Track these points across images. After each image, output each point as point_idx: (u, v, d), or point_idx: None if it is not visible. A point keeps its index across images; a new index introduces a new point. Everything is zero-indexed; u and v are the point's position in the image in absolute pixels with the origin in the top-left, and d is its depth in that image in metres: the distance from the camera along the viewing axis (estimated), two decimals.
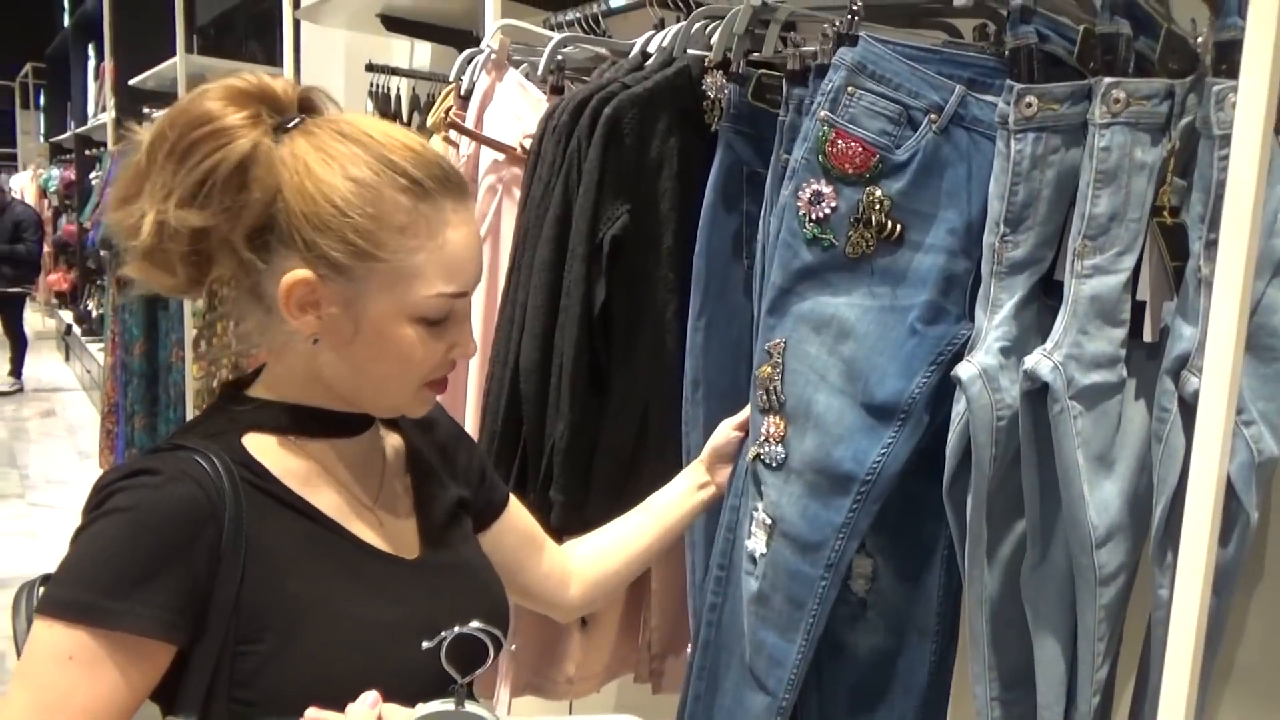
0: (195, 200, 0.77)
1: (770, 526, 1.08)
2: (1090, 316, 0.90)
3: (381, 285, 0.80)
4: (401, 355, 0.82)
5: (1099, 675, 0.94)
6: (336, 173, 0.78)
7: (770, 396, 1.08)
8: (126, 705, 0.73)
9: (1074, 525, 0.91)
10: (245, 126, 0.77)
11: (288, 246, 0.79)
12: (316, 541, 0.82)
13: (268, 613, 0.77)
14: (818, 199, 1.03)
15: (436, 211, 0.80)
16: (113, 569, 0.73)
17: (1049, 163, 0.92)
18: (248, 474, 0.80)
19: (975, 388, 0.94)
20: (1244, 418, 0.83)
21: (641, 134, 1.32)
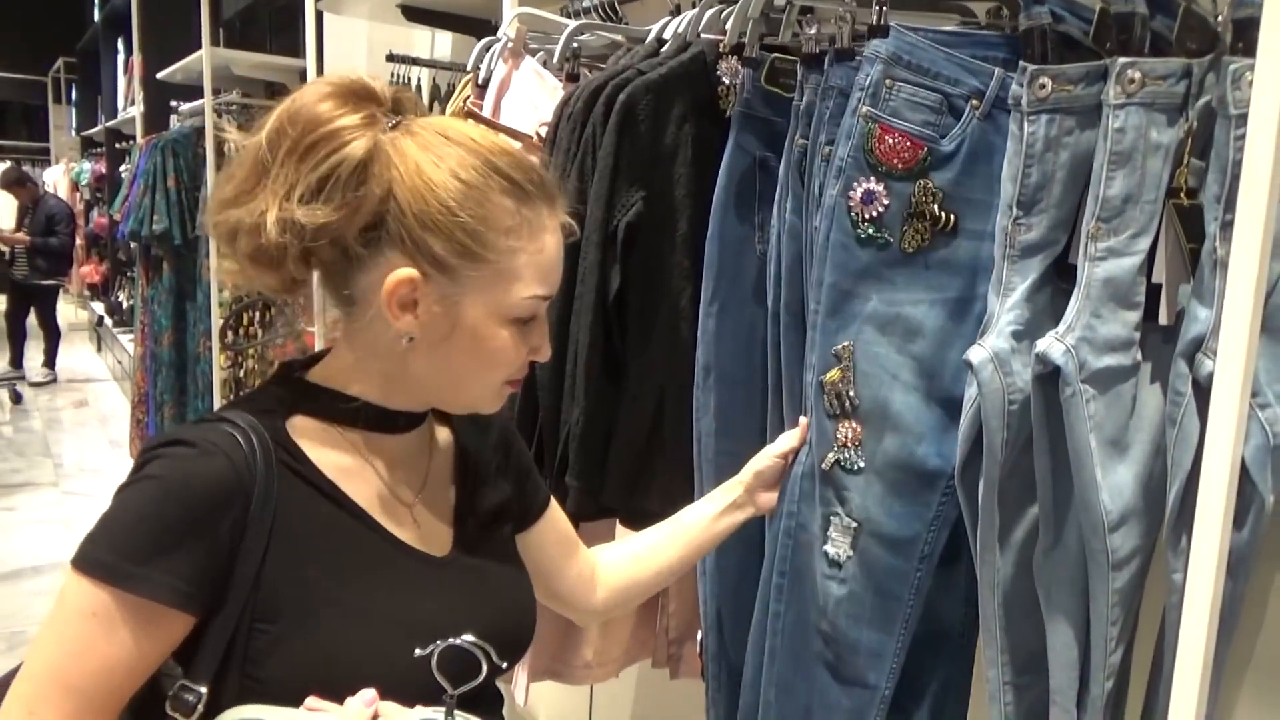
0: (320, 196, 0.78)
1: (856, 529, 1.08)
2: (1104, 299, 0.89)
3: (482, 286, 0.82)
4: (493, 355, 0.84)
5: (1112, 659, 0.93)
6: (445, 173, 0.80)
7: (841, 401, 1.07)
8: (137, 669, 0.75)
9: (1086, 509, 0.90)
10: (361, 126, 0.79)
11: (393, 245, 0.80)
12: (343, 530, 0.83)
13: (285, 594, 0.78)
14: (869, 198, 1.02)
15: (536, 215, 0.83)
16: (138, 535, 0.75)
17: (1063, 144, 0.92)
18: (285, 455, 0.81)
19: (986, 372, 0.93)
20: (1259, 400, 0.82)
21: (656, 120, 1.32)
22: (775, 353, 1.21)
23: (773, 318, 1.20)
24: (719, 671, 1.31)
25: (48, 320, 7.04)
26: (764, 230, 1.26)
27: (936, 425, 1.05)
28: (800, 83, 1.16)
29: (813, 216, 1.12)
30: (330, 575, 0.80)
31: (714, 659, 1.31)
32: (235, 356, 3.66)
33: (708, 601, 1.32)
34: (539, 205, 0.83)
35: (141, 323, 4.28)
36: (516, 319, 0.84)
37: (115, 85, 8.11)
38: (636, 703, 2.11)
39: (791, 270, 1.16)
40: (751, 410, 1.27)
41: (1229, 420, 0.76)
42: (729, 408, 1.21)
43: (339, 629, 0.79)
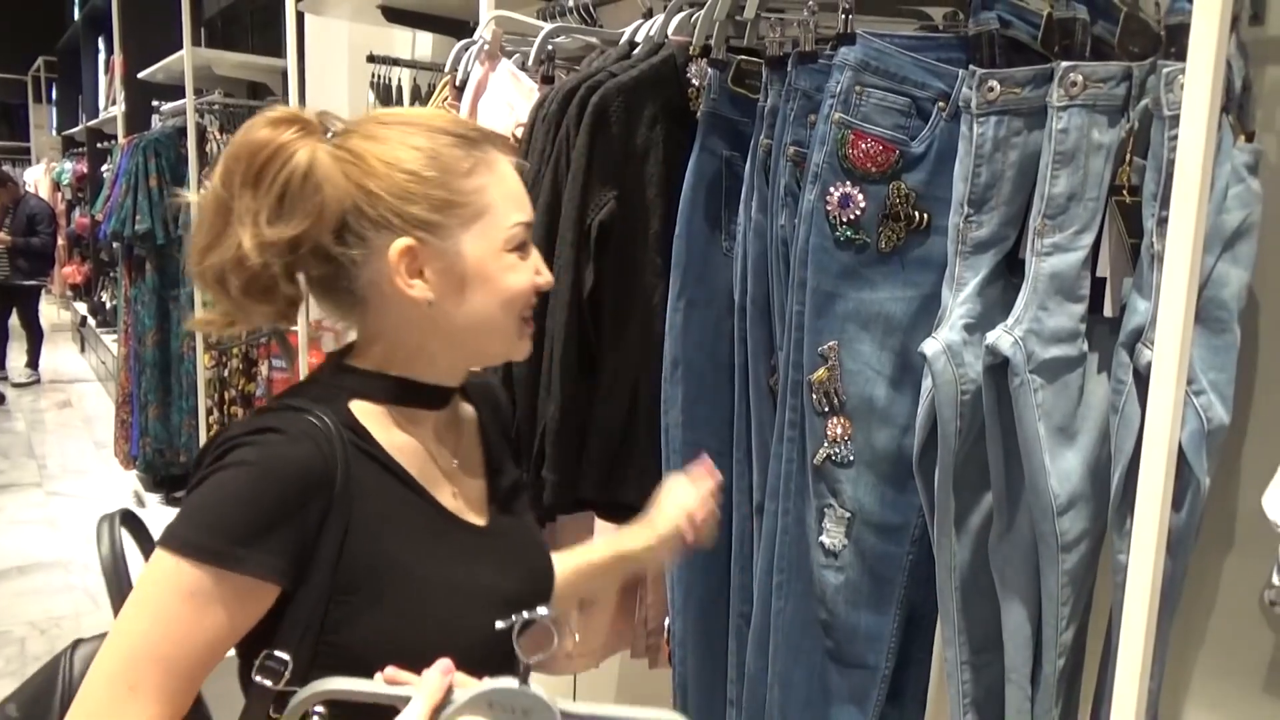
0: (281, 214, 0.85)
1: (850, 519, 1.12)
2: (1050, 293, 0.93)
3: (469, 227, 0.88)
4: (507, 285, 0.90)
5: (1064, 638, 0.97)
6: (399, 149, 0.87)
7: (830, 399, 1.11)
8: (228, 642, 0.80)
9: (1036, 494, 0.94)
10: (298, 139, 0.86)
11: (378, 230, 0.86)
12: (409, 506, 0.89)
13: (363, 568, 0.83)
14: (846, 201, 1.06)
15: (485, 154, 0.90)
16: (240, 517, 0.79)
17: (1012, 145, 0.95)
18: (354, 438, 0.86)
19: (940, 363, 0.97)
20: (1195, 387, 0.86)
21: (628, 121, 1.35)
22: (741, 347, 1.25)
23: (739, 312, 1.23)
24: (685, 656, 1.35)
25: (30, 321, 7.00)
26: (730, 228, 1.29)
27: None
28: (765, 84, 1.20)
29: (778, 215, 1.16)
30: (402, 549, 0.86)
31: (680, 644, 1.35)
32: (220, 356, 3.67)
33: (674, 587, 1.35)
34: (484, 146, 0.90)
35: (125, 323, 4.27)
36: (512, 248, 0.90)
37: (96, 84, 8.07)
38: (618, 692, 2.14)
39: (757, 266, 1.20)
40: (719, 403, 1.31)
41: (1166, 407, 0.80)
42: (696, 401, 1.25)
43: (410, 599, 0.85)
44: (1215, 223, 0.85)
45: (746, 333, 1.22)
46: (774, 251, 1.17)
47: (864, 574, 1.14)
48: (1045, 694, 1.00)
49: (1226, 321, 0.87)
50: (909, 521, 1.12)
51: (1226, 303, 0.87)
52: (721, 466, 1.31)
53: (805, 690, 1.17)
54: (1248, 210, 0.87)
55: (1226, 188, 0.85)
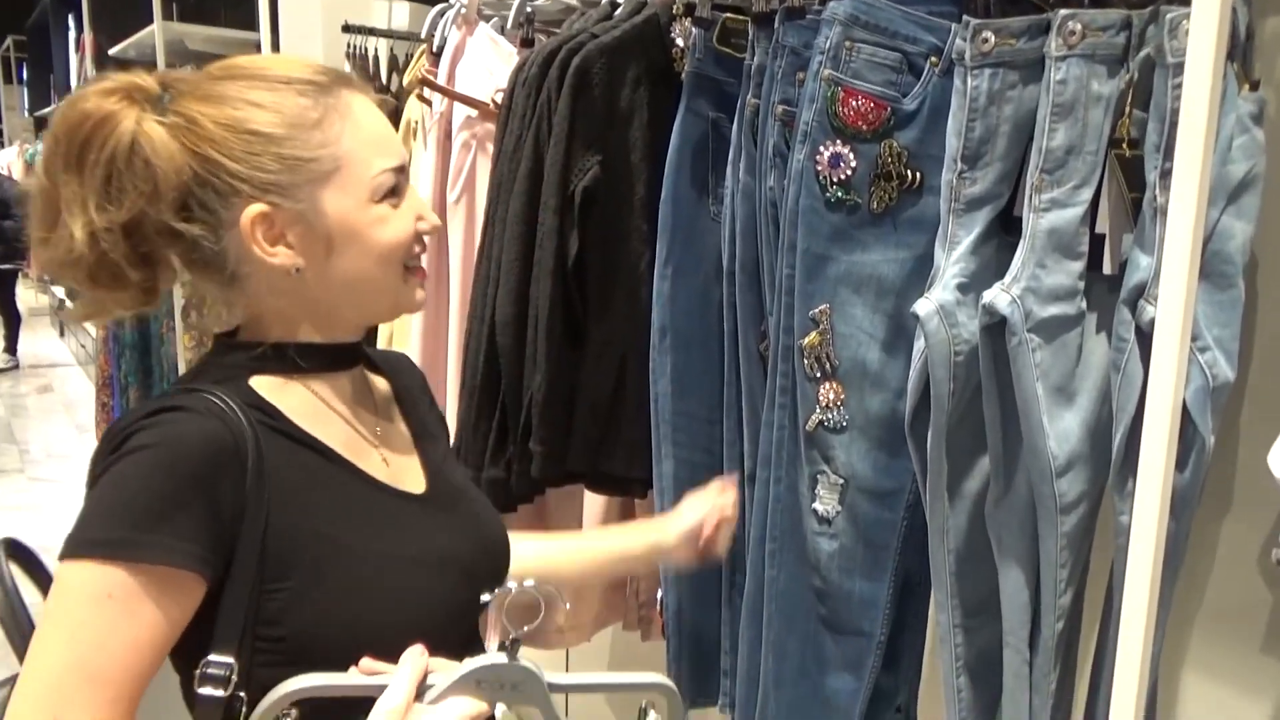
0: (110, 195, 0.77)
1: (843, 485, 1.10)
2: (1048, 250, 0.91)
3: (328, 183, 0.81)
4: (378, 240, 0.83)
5: (1062, 601, 0.96)
6: (236, 106, 0.79)
7: (821, 364, 1.08)
8: (164, 641, 0.73)
9: (1034, 455, 0.92)
10: (123, 109, 0.78)
11: (226, 197, 0.79)
12: (333, 479, 0.83)
13: (293, 552, 0.78)
14: (837, 161, 1.03)
15: (337, 99, 0.82)
16: (143, 503, 0.73)
17: (1006, 98, 0.92)
18: (261, 415, 0.80)
19: (932, 324, 0.95)
20: (1199, 344, 0.84)
21: (611, 84, 1.32)
22: (731, 313, 1.22)
23: (728, 277, 1.21)
24: (679, 628, 1.33)
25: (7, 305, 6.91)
26: (717, 192, 1.26)
27: None
28: (751, 42, 1.16)
29: (766, 176, 1.13)
30: (332, 525, 0.81)
31: (674, 616, 1.33)
32: (199, 336, 3.62)
33: None
34: (336, 90, 0.83)
35: None
36: (380, 198, 0.83)
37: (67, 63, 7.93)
38: (610, 666, 2.14)
39: (746, 230, 1.17)
40: (708, 370, 1.28)
41: (1170, 364, 0.78)
42: (685, 369, 1.22)
43: (351, 576, 0.79)
44: (1219, 174, 0.83)
45: (736, 298, 1.20)
46: (763, 215, 1.14)
47: (858, 541, 1.12)
48: (1044, 657, 0.99)
49: (1231, 276, 0.85)
50: (903, 486, 1.10)
51: (1231, 257, 0.84)
52: (712, 435, 1.30)
53: (799, 658, 1.16)
54: (1252, 161, 0.84)
55: (1231, 138, 0.83)
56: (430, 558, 0.84)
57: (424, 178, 1.70)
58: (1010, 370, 0.92)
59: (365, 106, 0.84)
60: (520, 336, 1.37)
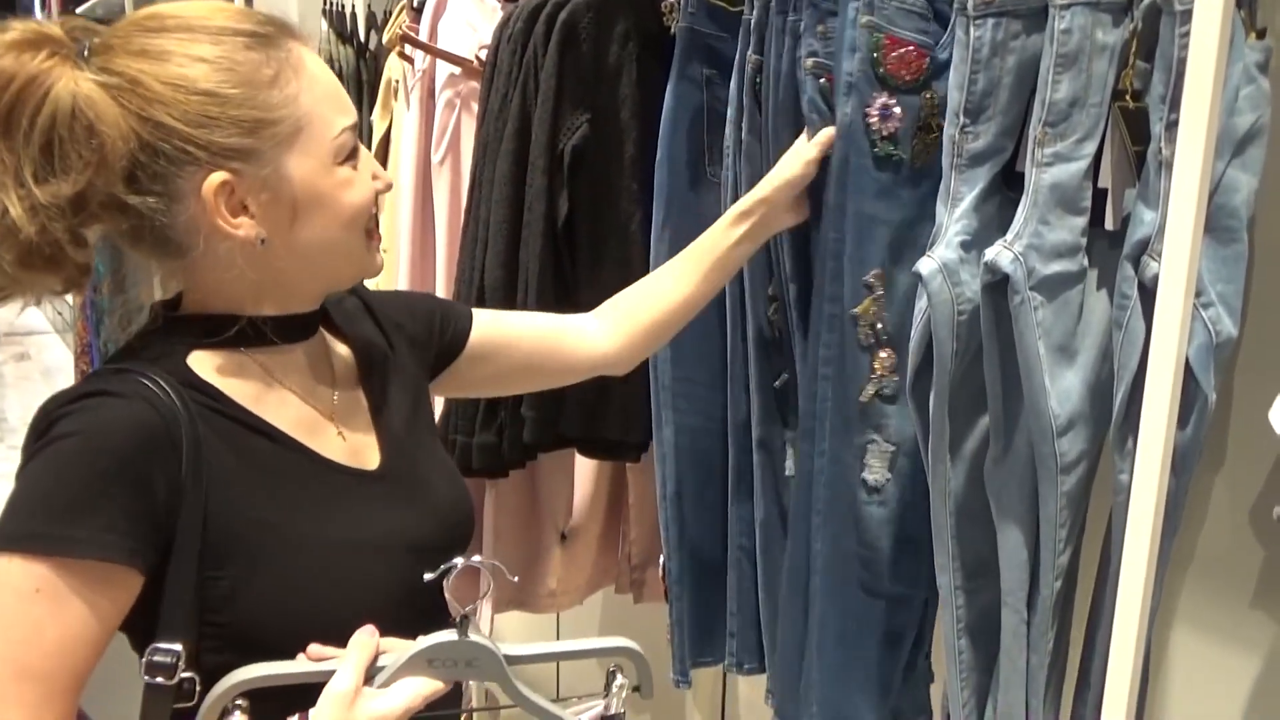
0: (53, 166, 0.71)
1: (893, 453, 1.08)
2: (1051, 205, 0.89)
3: (291, 146, 0.76)
4: (345, 203, 0.79)
5: (1060, 560, 0.95)
6: (181, 62, 0.73)
7: (875, 331, 1.05)
8: (99, 635, 0.70)
9: (1035, 415, 0.92)
10: (54, 66, 0.71)
11: (182, 165, 0.73)
12: (276, 461, 0.79)
13: (232, 539, 0.75)
14: (887, 113, 0.99)
15: (288, 53, 0.77)
16: (67, 495, 0.70)
17: (1009, 49, 0.90)
18: (199, 396, 0.76)
19: (935, 283, 0.93)
20: (1202, 300, 0.83)
21: (599, 39, 1.29)
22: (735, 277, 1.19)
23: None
24: (682, 594, 1.32)
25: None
26: (713, 152, 1.23)
27: None
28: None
29: (779, 135, 1.10)
30: (273, 510, 0.78)
31: (677, 581, 1.32)
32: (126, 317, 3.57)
33: (669, 526, 1.32)
34: (284, 42, 0.77)
35: None
36: (343, 160, 0.79)
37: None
38: (602, 628, 2.14)
39: None
40: (708, 335, 1.26)
41: (1174, 320, 0.77)
42: (684, 334, 1.20)
43: (291, 563, 0.77)
44: (1226, 125, 0.81)
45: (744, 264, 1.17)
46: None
47: (906, 505, 1.10)
48: (1042, 617, 0.99)
49: (1236, 230, 0.83)
50: None
51: (1236, 210, 0.83)
52: (712, 400, 1.28)
53: (840, 625, 1.13)
54: (1259, 112, 0.83)
55: (1238, 88, 0.81)
56: (376, 539, 0.81)
57: (407, 138, 1.67)
58: (1011, 329, 0.91)
59: (314, 60, 0.79)
60: (510, 300, 1.35)
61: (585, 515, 1.61)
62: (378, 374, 0.92)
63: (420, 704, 0.71)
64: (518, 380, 1.13)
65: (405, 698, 0.70)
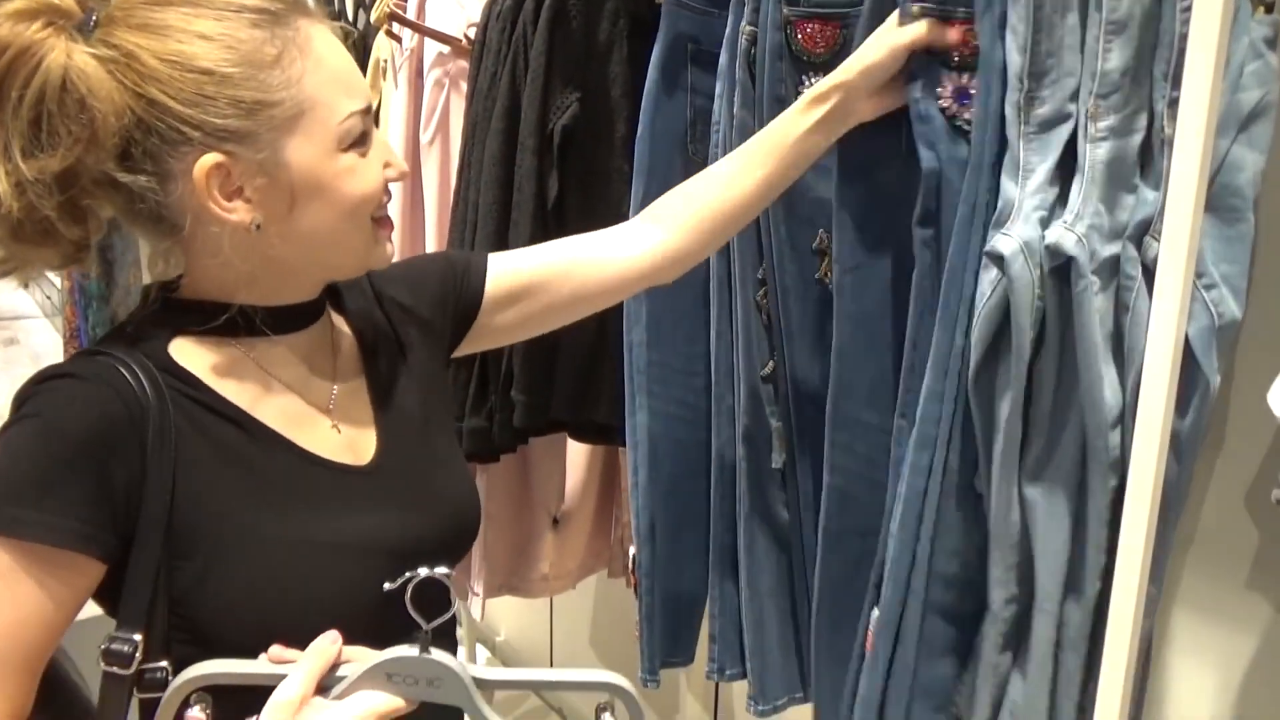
0: (41, 141, 0.69)
1: None
2: (1109, 183, 0.83)
3: (291, 130, 0.73)
4: (347, 193, 0.76)
5: (1102, 559, 0.89)
6: (182, 38, 0.70)
7: None
8: (54, 619, 0.69)
9: (1093, 408, 0.85)
10: (48, 36, 0.69)
11: (175, 145, 0.71)
12: (251, 455, 0.77)
13: (197, 531, 0.73)
14: (962, 95, 0.92)
15: (295, 32, 0.74)
16: (22, 478, 0.69)
17: (1069, 5, 0.83)
18: (176, 383, 0.74)
19: (1018, 263, 0.84)
20: (1204, 281, 0.81)
21: (589, 16, 1.27)
22: (722, 259, 1.15)
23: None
24: (652, 587, 1.27)
25: None
26: (696, 129, 1.20)
27: None
28: None
29: (765, 113, 1.05)
30: (243, 505, 0.75)
31: (646, 574, 1.27)
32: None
33: (639, 515, 1.26)
34: (293, 19, 0.74)
35: None
36: (349, 146, 0.76)
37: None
38: (595, 612, 2.14)
39: None
40: (687, 320, 1.22)
41: (1173, 300, 0.75)
42: (661, 318, 1.16)
43: (258, 561, 0.74)
44: (1230, 102, 0.79)
45: (731, 243, 1.13)
46: None
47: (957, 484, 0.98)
48: (1083, 618, 0.91)
49: (1241, 210, 0.81)
50: None
51: (1241, 189, 0.81)
52: (689, 386, 1.24)
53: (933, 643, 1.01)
54: (1266, 89, 0.80)
55: (1243, 64, 0.79)
56: (354, 539, 0.78)
57: (395, 118, 1.65)
58: (1073, 317, 0.84)
59: (326, 39, 0.76)
60: None
61: (577, 500, 1.60)
62: (383, 364, 0.88)
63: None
64: (556, 315, 1.01)
65: (357, 713, 0.66)
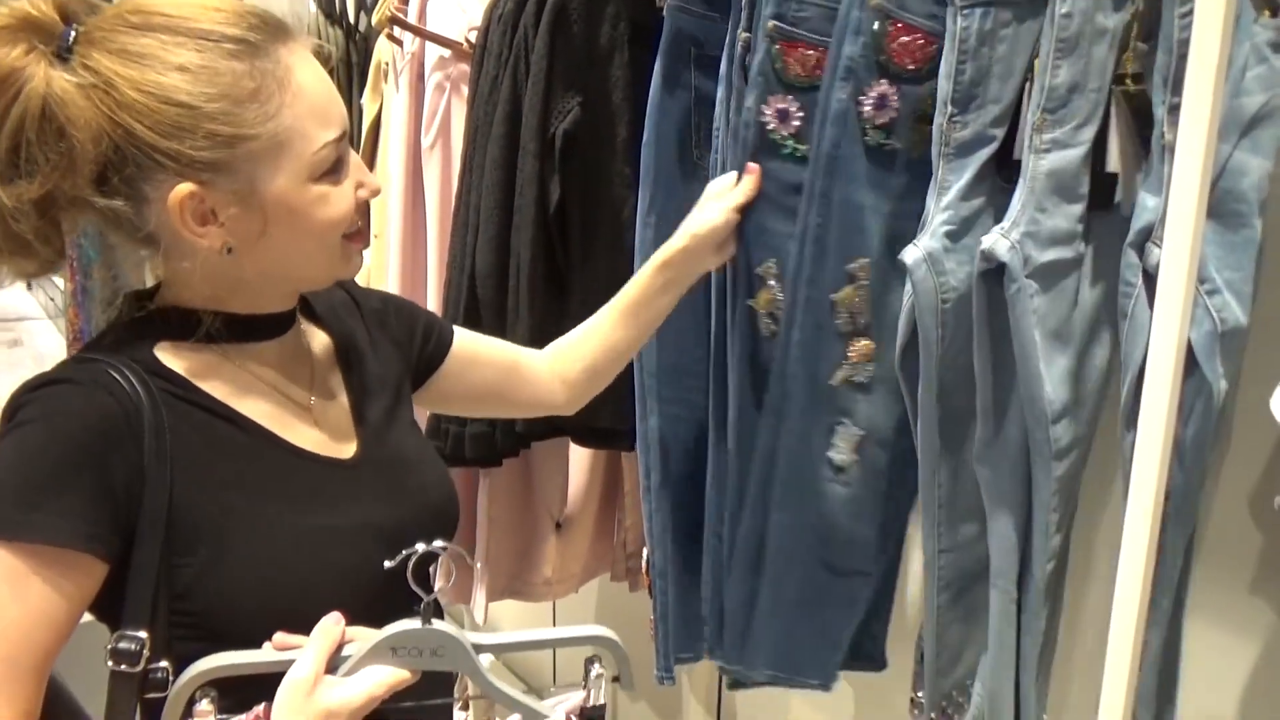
0: (19, 168, 0.70)
1: (862, 438, 1.07)
2: (1048, 192, 0.88)
3: (266, 163, 0.74)
4: (319, 220, 0.78)
5: (1052, 544, 0.95)
6: (159, 69, 0.71)
7: (854, 319, 1.04)
8: (61, 619, 0.70)
9: (1030, 402, 0.91)
10: (29, 64, 0.69)
11: (151, 173, 0.72)
12: (244, 450, 0.79)
13: (198, 526, 0.75)
14: (883, 103, 0.97)
15: (275, 64, 0.74)
16: (24, 480, 0.70)
17: (999, 38, 0.89)
18: (166, 384, 0.76)
19: (920, 272, 0.93)
20: (1207, 287, 0.81)
21: (590, 20, 1.26)
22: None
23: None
24: (666, 587, 1.30)
25: None
26: (700, 134, 1.21)
27: None
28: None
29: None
30: (240, 499, 0.77)
31: (660, 574, 1.30)
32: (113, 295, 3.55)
33: (652, 517, 1.30)
34: (273, 49, 0.74)
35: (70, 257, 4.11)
36: (322, 174, 0.77)
37: None
38: (598, 616, 2.13)
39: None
40: (692, 322, 1.23)
41: (1175, 306, 0.75)
42: (670, 320, 1.17)
43: (257, 551, 0.76)
44: (1233, 106, 0.79)
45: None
46: None
47: (870, 489, 1.10)
48: (1034, 599, 0.99)
49: (1245, 215, 0.81)
50: None
51: (1245, 194, 0.81)
52: (694, 387, 1.26)
53: (797, 593, 1.14)
54: (1270, 93, 0.80)
55: (1245, 68, 0.79)
56: (347, 527, 0.81)
57: (396, 122, 1.64)
58: (1004, 316, 0.90)
59: (305, 66, 0.76)
60: (502, 286, 1.33)
61: (580, 504, 1.60)
62: (357, 367, 0.91)
63: (384, 692, 0.70)
64: (485, 403, 1.13)
65: (367, 686, 0.69)
